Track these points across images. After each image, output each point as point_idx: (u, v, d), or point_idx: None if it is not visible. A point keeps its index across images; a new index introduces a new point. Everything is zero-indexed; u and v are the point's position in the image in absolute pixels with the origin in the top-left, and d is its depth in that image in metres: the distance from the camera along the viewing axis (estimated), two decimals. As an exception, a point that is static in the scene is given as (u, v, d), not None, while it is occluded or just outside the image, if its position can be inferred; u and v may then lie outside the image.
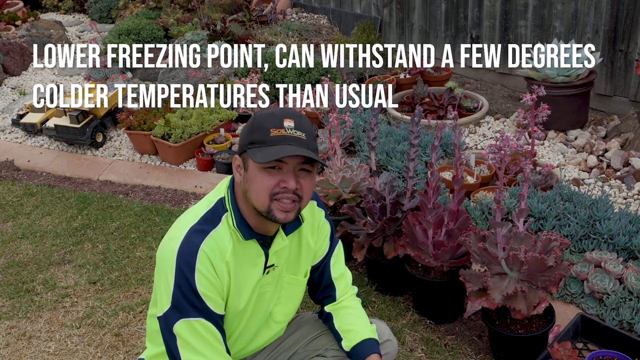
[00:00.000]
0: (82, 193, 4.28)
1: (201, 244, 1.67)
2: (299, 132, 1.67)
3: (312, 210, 1.94)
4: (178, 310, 1.66)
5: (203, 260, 1.66)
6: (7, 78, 6.28)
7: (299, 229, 1.87)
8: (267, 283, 1.84)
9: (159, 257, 1.73)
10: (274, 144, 1.64)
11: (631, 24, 4.18)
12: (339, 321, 1.96)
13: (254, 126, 1.68)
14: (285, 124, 1.66)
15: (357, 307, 2.02)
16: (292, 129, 1.66)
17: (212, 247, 1.68)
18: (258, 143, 1.65)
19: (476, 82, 5.29)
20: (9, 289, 3.25)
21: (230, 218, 1.73)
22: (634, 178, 3.43)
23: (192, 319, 1.66)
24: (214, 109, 4.57)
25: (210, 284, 1.67)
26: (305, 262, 1.94)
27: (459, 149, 2.58)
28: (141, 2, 7.46)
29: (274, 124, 1.66)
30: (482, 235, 2.43)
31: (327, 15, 6.90)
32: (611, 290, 2.50)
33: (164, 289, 1.68)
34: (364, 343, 1.89)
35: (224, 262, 1.70)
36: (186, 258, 1.65)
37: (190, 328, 1.67)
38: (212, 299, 1.69)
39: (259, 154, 1.62)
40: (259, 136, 1.65)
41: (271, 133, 1.64)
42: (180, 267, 1.65)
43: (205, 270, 1.66)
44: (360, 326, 1.93)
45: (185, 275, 1.65)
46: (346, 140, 3.97)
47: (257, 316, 1.87)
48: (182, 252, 1.66)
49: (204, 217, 1.73)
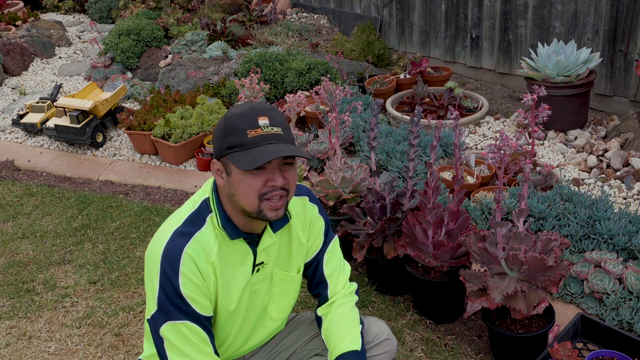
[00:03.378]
0: (82, 193, 4.29)
1: (185, 247, 1.66)
2: (275, 128, 1.63)
3: (304, 206, 1.91)
4: (163, 313, 1.66)
5: (187, 263, 1.65)
6: (8, 78, 6.28)
7: (288, 224, 1.85)
8: (259, 281, 1.83)
9: (146, 260, 1.72)
10: (254, 145, 1.60)
11: (631, 24, 4.18)
12: (325, 330, 1.93)
13: (227, 129, 1.63)
14: (260, 123, 1.62)
15: (345, 312, 1.94)
16: (268, 126, 1.62)
17: (197, 249, 1.67)
18: (237, 147, 1.61)
19: (476, 82, 5.29)
20: (9, 289, 3.25)
21: (215, 218, 1.71)
22: (634, 178, 3.43)
23: (177, 322, 1.66)
24: (214, 108, 4.57)
25: (195, 286, 1.66)
26: (297, 258, 1.91)
27: (459, 149, 2.58)
28: (141, 2, 7.46)
29: (249, 124, 1.61)
30: (482, 235, 2.43)
31: (327, 15, 6.90)
32: (611, 290, 2.51)
33: (150, 291, 1.68)
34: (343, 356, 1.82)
35: (209, 263, 1.69)
36: (170, 261, 1.64)
37: (176, 331, 1.66)
38: (198, 301, 1.68)
39: (243, 160, 1.59)
40: (236, 139, 1.61)
41: (248, 135, 1.60)
42: (164, 270, 1.64)
43: (189, 273, 1.65)
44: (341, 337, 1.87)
45: (169, 278, 1.64)
46: (346, 140, 3.97)
47: (252, 315, 1.87)
48: (166, 255, 1.65)
49: (188, 218, 1.71)
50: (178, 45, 6.02)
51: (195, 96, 4.75)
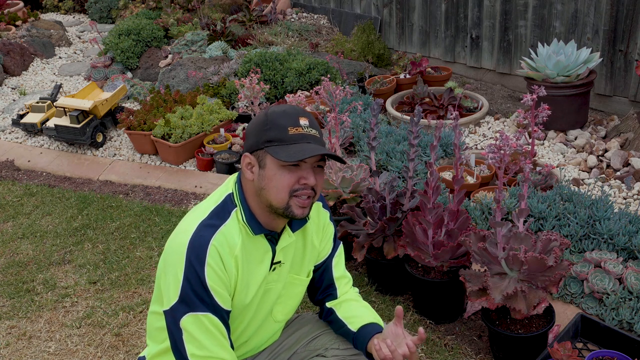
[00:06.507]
0: (82, 193, 4.29)
1: (211, 239, 1.68)
2: (314, 130, 1.71)
3: (318, 211, 1.96)
4: (186, 304, 1.67)
5: (213, 254, 1.67)
6: (8, 78, 6.28)
7: (304, 226, 1.89)
8: (273, 280, 1.85)
9: (168, 251, 1.73)
10: (294, 142, 1.66)
11: (631, 24, 4.18)
12: (342, 311, 1.97)
13: (268, 124, 1.69)
14: (302, 122, 1.70)
15: (361, 300, 2.04)
16: (307, 127, 1.70)
17: (222, 242, 1.69)
18: (277, 141, 1.67)
19: (476, 82, 5.29)
20: (9, 289, 3.25)
21: (239, 213, 1.74)
22: (634, 178, 3.43)
23: (199, 314, 1.67)
24: (214, 108, 4.57)
25: (219, 278, 1.68)
26: (309, 261, 1.95)
27: (459, 149, 2.58)
28: (141, 2, 7.46)
29: (291, 123, 1.68)
30: (482, 235, 2.43)
31: (327, 15, 6.90)
32: (611, 290, 2.51)
33: (172, 282, 1.68)
34: (370, 325, 1.90)
35: (233, 257, 1.71)
36: (197, 252, 1.66)
37: (197, 322, 1.67)
38: (220, 294, 1.70)
39: (283, 153, 1.64)
40: (277, 134, 1.67)
41: (289, 132, 1.67)
42: (190, 261, 1.66)
43: (215, 265, 1.67)
44: (365, 313, 1.95)
45: (195, 269, 1.65)
46: (346, 140, 3.97)
47: (260, 314, 1.88)
48: (193, 245, 1.67)
49: (213, 212, 1.74)
50: (178, 45, 6.02)
51: (195, 96, 4.76)
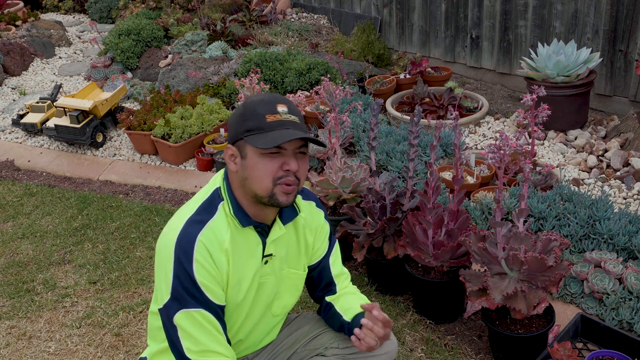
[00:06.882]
0: (82, 193, 4.29)
1: (198, 235, 1.68)
2: (292, 117, 1.71)
3: (311, 210, 1.96)
4: (177, 301, 1.67)
5: (201, 250, 1.67)
6: (7, 78, 6.28)
7: (295, 219, 1.89)
8: (266, 274, 1.85)
9: (158, 249, 1.74)
10: (273, 129, 1.66)
11: (631, 24, 4.18)
12: (340, 304, 1.98)
13: (246, 114, 1.70)
14: (279, 109, 1.69)
15: (358, 293, 2.04)
16: (286, 113, 1.70)
17: (210, 237, 1.70)
18: (255, 130, 1.67)
19: (476, 82, 5.29)
20: (9, 289, 3.25)
21: (227, 206, 1.75)
22: (634, 178, 3.43)
23: (191, 310, 1.68)
24: (214, 108, 4.57)
25: (208, 274, 1.69)
26: (304, 256, 1.96)
27: (459, 149, 2.58)
28: (141, 2, 7.46)
29: (268, 110, 1.68)
30: (482, 235, 2.43)
31: (327, 15, 6.90)
32: (611, 290, 2.51)
33: (164, 280, 1.69)
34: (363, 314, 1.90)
35: (222, 251, 1.71)
36: (184, 249, 1.67)
37: (190, 318, 1.68)
38: (211, 289, 1.70)
39: (261, 140, 1.64)
40: (255, 123, 1.67)
41: (267, 119, 1.67)
42: (178, 258, 1.67)
43: (203, 261, 1.67)
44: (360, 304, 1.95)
45: (183, 265, 1.66)
46: (346, 140, 3.97)
47: (257, 309, 1.88)
48: (180, 242, 1.68)
49: (200, 207, 1.75)
50: (178, 45, 6.02)
51: (195, 96, 4.76)
